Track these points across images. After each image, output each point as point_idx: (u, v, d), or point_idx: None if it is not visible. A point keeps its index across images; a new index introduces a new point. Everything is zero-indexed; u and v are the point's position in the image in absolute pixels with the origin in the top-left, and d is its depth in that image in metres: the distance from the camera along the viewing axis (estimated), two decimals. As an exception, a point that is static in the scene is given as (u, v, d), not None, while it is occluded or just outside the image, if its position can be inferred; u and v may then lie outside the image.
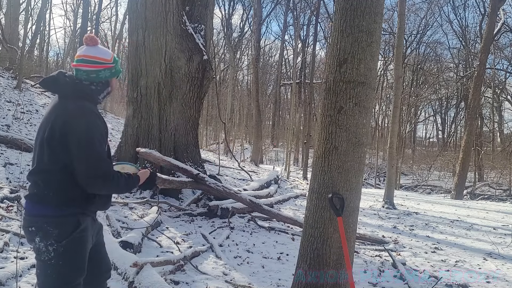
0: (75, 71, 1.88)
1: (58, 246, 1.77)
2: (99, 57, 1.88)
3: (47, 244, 1.76)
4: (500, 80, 23.43)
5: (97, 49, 1.90)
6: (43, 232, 1.77)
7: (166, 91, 6.70)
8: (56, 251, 1.77)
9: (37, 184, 1.80)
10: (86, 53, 1.87)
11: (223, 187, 5.96)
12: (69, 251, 1.79)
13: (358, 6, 2.78)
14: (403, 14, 9.76)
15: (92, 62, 1.86)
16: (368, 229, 6.30)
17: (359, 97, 2.82)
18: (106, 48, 2.01)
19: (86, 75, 1.86)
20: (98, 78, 1.89)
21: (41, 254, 1.78)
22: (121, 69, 2.02)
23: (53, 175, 1.78)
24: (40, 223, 1.78)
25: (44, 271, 1.80)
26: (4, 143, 7.09)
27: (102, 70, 1.89)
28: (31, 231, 1.80)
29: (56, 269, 1.79)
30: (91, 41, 1.89)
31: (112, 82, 1.98)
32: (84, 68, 1.86)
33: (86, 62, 1.86)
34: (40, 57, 25.16)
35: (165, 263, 3.58)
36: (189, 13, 6.97)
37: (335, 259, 2.84)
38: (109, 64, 1.92)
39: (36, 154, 1.82)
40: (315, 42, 19.79)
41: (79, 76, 1.87)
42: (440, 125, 34.66)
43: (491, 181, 18.46)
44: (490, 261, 4.89)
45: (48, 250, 1.77)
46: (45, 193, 1.79)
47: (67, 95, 1.83)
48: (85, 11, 15.88)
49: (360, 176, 2.94)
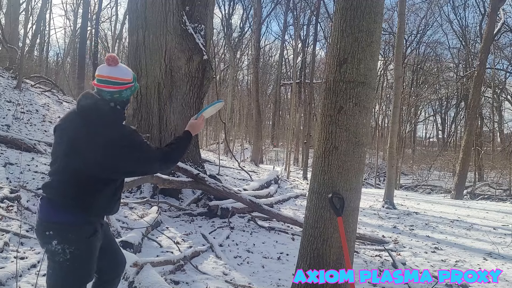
0: (98, 91, 1.96)
1: (75, 249, 1.85)
2: (121, 78, 1.96)
3: (65, 247, 1.84)
4: (500, 80, 23.44)
5: (119, 69, 1.98)
6: (62, 237, 1.85)
7: (166, 91, 6.70)
8: (72, 253, 1.85)
9: (60, 191, 1.88)
10: (110, 74, 1.94)
11: (223, 187, 5.96)
12: (84, 254, 1.88)
13: (358, 6, 2.78)
14: (403, 14, 9.76)
15: (115, 83, 1.94)
16: (368, 229, 6.30)
17: (359, 97, 2.82)
18: (124, 65, 2.06)
19: (110, 96, 1.95)
20: (121, 97, 1.98)
21: (56, 256, 1.85)
22: (138, 86, 2.10)
23: (79, 184, 1.86)
24: (59, 229, 1.86)
25: (57, 271, 1.88)
26: (4, 143, 7.09)
27: (125, 90, 1.98)
28: (48, 235, 1.86)
29: (70, 270, 1.86)
30: (113, 61, 1.96)
31: (130, 99, 2.11)
32: (108, 89, 1.94)
33: (110, 83, 1.93)
34: (40, 57, 25.19)
35: (165, 263, 3.58)
36: (189, 13, 6.97)
37: (335, 259, 2.84)
38: (130, 84, 2.00)
39: (63, 162, 1.89)
40: (315, 42, 19.86)
41: (103, 95, 1.95)
42: (440, 125, 34.67)
43: (491, 181, 18.45)
44: (490, 261, 4.89)
45: (64, 252, 1.84)
46: (68, 200, 1.87)
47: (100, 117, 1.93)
48: (85, 11, 15.90)
49: (360, 176, 2.94)
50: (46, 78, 14.65)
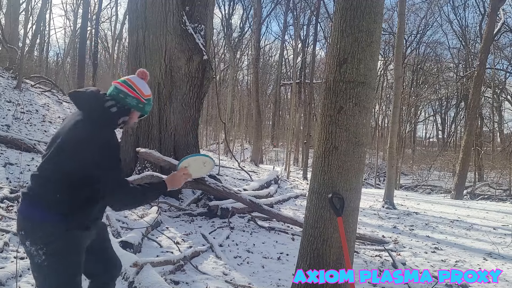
0: (111, 87, 2.00)
1: (47, 249, 1.77)
2: (137, 86, 2.00)
3: (37, 248, 1.78)
4: (500, 80, 23.44)
5: (143, 82, 2.04)
6: (32, 236, 1.78)
7: (166, 91, 6.70)
8: (46, 254, 1.78)
9: (36, 187, 1.84)
10: (134, 80, 2.02)
11: (223, 187, 5.96)
12: (59, 253, 1.79)
13: (358, 6, 2.78)
14: (403, 14, 9.76)
15: (129, 85, 1.99)
16: (368, 229, 6.30)
17: (359, 97, 2.82)
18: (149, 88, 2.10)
19: (116, 92, 1.96)
20: (124, 101, 1.96)
21: (34, 257, 1.80)
22: (147, 111, 2.08)
23: (54, 183, 1.80)
24: (29, 227, 1.79)
25: (40, 273, 1.82)
26: (4, 143, 7.09)
27: (132, 96, 1.97)
28: (21, 234, 1.83)
29: (51, 270, 1.80)
30: (142, 75, 2.06)
31: (133, 114, 2.03)
32: (120, 87, 1.98)
33: (125, 83, 1.99)
34: (40, 57, 25.20)
35: (165, 263, 3.58)
36: (189, 13, 6.97)
37: (335, 259, 2.84)
38: (141, 97, 2.00)
39: (46, 160, 1.86)
40: (315, 42, 19.83)
41: (110, 91, 1.98)
42: (440, 125, 34.67)
43: (491, 181, 18.45)
44: (490, 261, 4.89)
45: (38, 253, 1.78)
46: (41, 197, 1.81)
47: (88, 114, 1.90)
48: (85, 11, 15.90)
49: (360, 176, 2.94)
50: (46, 78, 14.65)
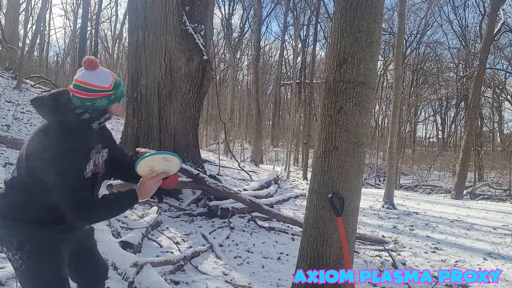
0: (72, 96, 1.71)
1: (21, 253, 1.73)
2: (95, 85, 1.69)
3: (13, 253, 1.75)
4: (500, 80, 23.44)
5: (96, 74, 1.71)
6: (6, 242, 1.76)
7: (166, 91, 6.70)
8: (22, 258, 1.73)
9: (7, 196, 1.78)
10: (83, 79, 1.69)
11: (223, 187, 5.96)
12: (34, 257, 1.74)
13: (358, 6, 2.78)
14: (403, 14, 9.76)
15: (87, 90, 1.68)
16: (368, 229, 6.30)
17: (359, 97, 2.82)
18: (107, 70, 1.79)
19: (81, 103, 1.70)
20: (94, 106, 1.72)
21: (13, 263, 1.77)
22: (123, 94, 1.81)
23: (21, 193, 1.74)
24: (3, 234, 1.76)
25: (22, 277, 1.79)
26: (4, 143, 7.09)
27: (98, 98, 1.70)
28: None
29: (31, 275, 1.76)
30: (90, 65, 1.70)
31: (111, 108, 1.80)
32: (79, 96, 1.69)
33: (82, 89, 1.68)
34: (40, 57, 25.21)
35: (165, 263, 3.58)
36: (189, 13, 6.97)
37: (335, 259, 2.84)
38: (107, 92, 1.72)
39: (16, 165, 1.79)
40: (315, 42, 19.84)
41: (74, 102, 1.71)
42: (440, 125, 34.68)
43: (491, 181, 18.45)
44: (490, 261, 4.89)
45: (15, 258, 1.74)
46: (10, 206, 1.75)
47: (49, 123, 1.73)
48: (85, 11, 15.89)
49: (360, 176, 2.93)
50: (46, 78, 14.66)
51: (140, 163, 1.84)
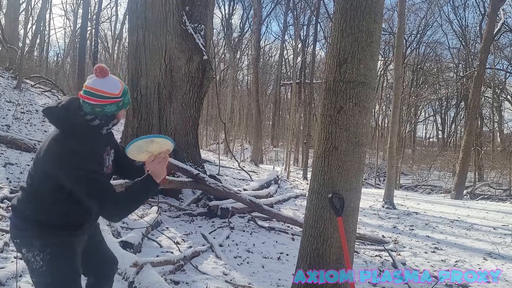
0: (82, 102, 1.81)
1: (44, 255, 1.79)
2: (106, 92, 1.78)
3: (34, 254, 1.79)
4: (500, 80, 23.45)
5: (106, 81, 1.80)
6: (29, 244, 1.80)
7: (166, 91, 6.70)
8: (43, 260, 1.79)
9: (27, 200, 1.84)
10: (94, 85, 1.78)
11: (223, 187, 5.96)
12: (58, 259, 1.81)
13: (358, 6, 2.78)
14: (403, 14, 9.76)
15: (98, 96, 1.78)
16: (368, 229, 6.30)
17: (359, 97, 2.82)
18: (116, 78, 1.88)
19: (91, 109, 1.79)
20: (103, 112, 1.81)
21: (31, 264, 1.81)
22: (129, 101, 1.92)
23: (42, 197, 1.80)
24: (25, 236, 1.81)
25: (39, 278, 1.83)
26: (4, 143, 7.09)
27: (108, 104, 1.80)
28: (16, 243, 1.84)
29: (49, 276, 1.81)
30: (101, 73, 1.79)
31: (119, 114, 1.90)
32: (90, 102, 1.78)
33: (93, 95, 1.78)
34: (40, 57, 25.20)
35: (165, 263, 3.58)
36: (189, 13, 6.97)
37: (335, 259, 2.84)
38: (116, 99, 1.81)
39: (33, 171, 1.83)
40: (315, 42, 19.83)
41: (84, 108, 1.80)
42: (440, 125, 34.68)
43: (491, 181, 18.45)
44: (490, 261, 4.89)
45: (36, 259, 1.79)
46: (31, 211, 1.81)
47: (64, 130, 1.80)
48: (85, 11, 15.87)
49: (360, 176, 2.93)
50: (46, 78, 14.65)
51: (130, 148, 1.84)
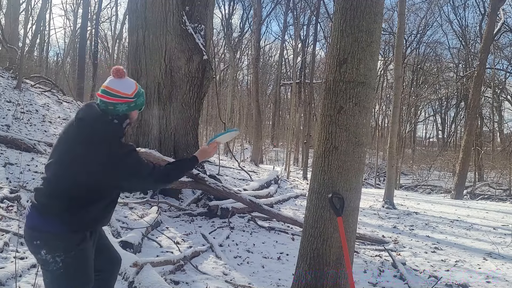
0: (99, 101, 1.95)
1: (66, 257, 1.81)
2: (119, 91, 1.93)
3: (55, 255, 1.80)
4: (500, 80, 23.45)
5: (121, 82, 1.95)
6: (50, 246, 1.81)
7: (166, 91, 6.70)
8: (64, 262, 1.81)
9: (49, 199, 1.84)
10: (109, 84, 1.94)
11: (223, 187, 5.96)
12: (77, 261, 1.84)
13: (358, 6, 2.78)
14: (403, 14, 9.76)
15: (111, 94, 1.92)
16: (368, 229, 6.30)
17: (359, 97, 2.82)
18: (132, 80, 2.04)
19: (105, 106, 1.93)
20: (115, 111, 1.93)
21: (49, 265, 1.81)
22: (143, 103, 2.04)
23: (69, 197, 1.83)
24: (47, 238, 1.81)
25: (53, 281, 1.84)
26: (4, 143, 7.08)
27: (120, 103, 1.93)
28: (36, 244, 1.82)
29: (66, 278, 1.83)
30: (117, 74, 1.95)
31: (132, 114, 2.03)
32: (105, 100, 1.92)
33: (107, 93, 1.92)
34: (40, 57, 25.20)
35: (165, 263, 3.58)
36: (189, 13, 6.97)
37: (335, 259, 2.84)
38: (129, 99, 1.95)
39: (56, 171, 1.86)
40: (315, 42, 19.84)
41: (100, 106, 1.94)
42: (440, 125, 34.70)
43: (491, 181, 18.45)
44: (490, 261, 4.89)
45: (56, 261, 1.80)
46: (56, 211, 1.83)
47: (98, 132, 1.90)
48: (85, 11, 15.90)
49: (360, 176, 2.93)
50: (46, 78, 14.65)
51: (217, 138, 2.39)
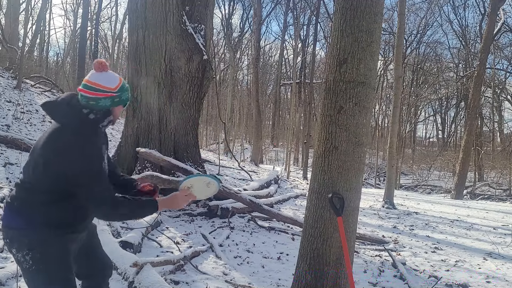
0: (80, 96, 1.82)
1: (33, 253, 1.75)
2: (101, 85, 1.80)
3: (24, 254, 1.76)
4: (500, 80, 23.46)
5: (103, 75, 1.82)
6: (19, 243, 1.77)
7: (166, 91, 6.70)
8: (33, 259, 1.75)
9: (18, 195, 1.80)
10: (91, 78, 1.81)
11: (223, 187, 5.95)
12: (48, 258, 1.77)
13: (358, 6, 2.78)
14: (403, 14, 9.76)
15: (93, 89, 1.79)
16: (368, 229, 6.30)
17: (359, 97, 2.82)
18: (116, 74, 1.89)
19: (86, 101, 1.80)
20: (97, 106, 1.80)
21: (22, 264, 1.78)
22: (128, 98, 1.91)
23: (38, 194, 1.76)
24: (15, 235, 1.78)
25: (30, 278, 1.80)
26: (4, 143, 7.08)
27: (103, 98, 1.80)
28: (6, 242, 1.80)
29: (40, 275, 1.78)
30: (99, 67, 1.82)
31: (115, 110, 1.89)
32: (85, 94, 1.80)
33: (88, 88, 1.79)
34: (40, 57, 25.21)
35: (165, 263, 3.58)
36: (189, 13, 6.97)
37: (335, 259, 2.84)
38: (112, 93, 1.82)
39: (30, 168, 1.79)
40: (315, 42, 19.82)
41: (81, 101, 1.81)
42: (440, 125, 34.71)
43: (491, 181, 18.46)
44: (490, 261, 4.89)
45: (26, 259, 1.76)
46: (19, 205, 1.78)
47: (64, 124, 1.78)
48: (85, 11, 15.88)
49: (360, 176, 2.93)
50: (46, 78, 14.64)
51: (190, 179, 1.98)
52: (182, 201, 1.97)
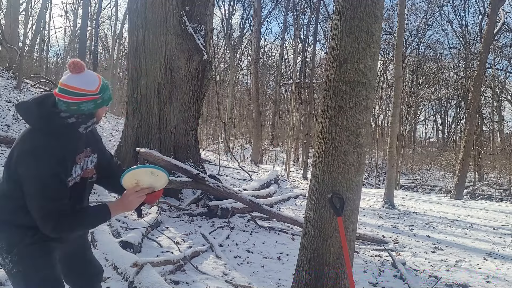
0: (57, 100, 1.66)
1: (12, 256, 1.70)
2: (81, 88, 1.63)
3: (3, 257, 1.72)
4: (500, 80, 23.47)
5: (82, 77, 1.65)
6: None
7: (166, 91, 6.70)
8: (12, 262, 1.71)
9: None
10: (68, 82, 1.64)
11: (223, 187, 5.96)
12: (25, 259, 1.71)
13: (358, 5, 2.78)
14: (403, 14, 9.76)
15: (73, 93, 1.62)
16: (368, 229, 6.30)
17: (359, 97, 2.82)
18: (93, 73, 1.73)
19: (66, 107, 1.64)
20: (79, 110, 1.66)
21: (4, 267, 1.74)
22: (110, 97, 1.75)
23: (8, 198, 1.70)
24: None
25: (13, 281, 1.77)
26: (4, 143, 7.08)
27: (84, 102, 1.64)
28: None
29: (22, 277, 1.73)
30: (75, 68, 1.65)
31: (98, 112, 1.75)
32: (65, 100, 1.63)
33: (67, 93, 1.63)
34: (40, 57, 25.21)
35: (165, 263, 3.58)
36: (189, 13, 6.97)
37: (335, 259, 2.84)
38: (93, 96, 1.66)
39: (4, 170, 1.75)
40: (315, 42, 19.86)
41: (60, 106, 1.65)
42: (440, 125, 34.72)
43: (491, 181, 18.46)
44: (490, 261, 4.89)
45: (6, 262, 1.72)
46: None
47: (34, 127, 1.67)
48: (85, 11, 15.90)
49: (360, 176, 2.93)
50: (46, 78, 14.64)
51: (126, 175, 1.77)
52: (135, 199, 1.81)
